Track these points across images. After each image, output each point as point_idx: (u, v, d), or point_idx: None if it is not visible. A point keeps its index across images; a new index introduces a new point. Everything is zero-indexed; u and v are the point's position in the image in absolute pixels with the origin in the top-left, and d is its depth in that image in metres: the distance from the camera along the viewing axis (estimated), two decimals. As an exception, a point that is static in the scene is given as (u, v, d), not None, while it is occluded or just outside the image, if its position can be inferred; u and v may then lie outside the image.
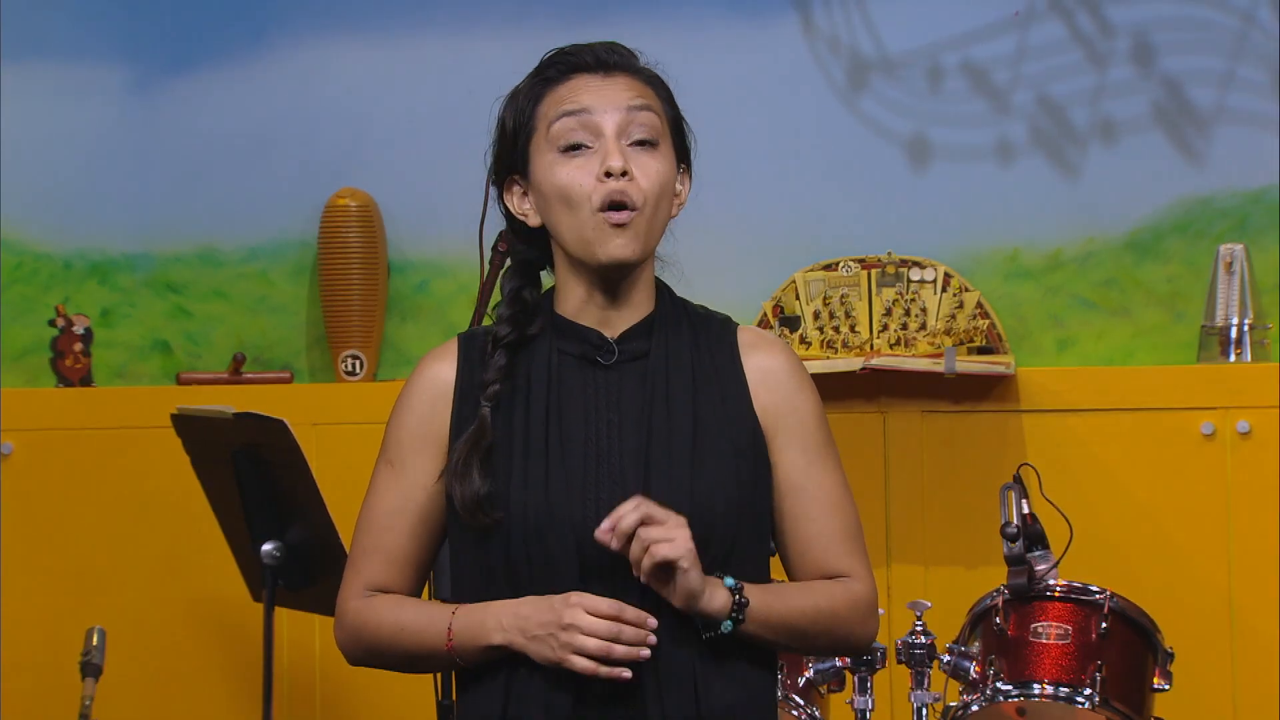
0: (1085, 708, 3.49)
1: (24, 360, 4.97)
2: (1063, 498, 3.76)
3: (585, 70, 2.49)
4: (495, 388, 2.48)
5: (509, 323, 2.52)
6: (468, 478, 2.44)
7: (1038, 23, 4.68)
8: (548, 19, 4.78)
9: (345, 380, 4.78)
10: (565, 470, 2.43)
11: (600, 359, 2.49)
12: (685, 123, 2.55)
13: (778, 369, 2.53)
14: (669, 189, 2.49)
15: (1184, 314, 4.62)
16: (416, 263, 4.90)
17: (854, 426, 4.45)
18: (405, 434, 2.52)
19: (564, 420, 2.46)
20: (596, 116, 2.46)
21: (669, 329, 2.51)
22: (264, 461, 3.74)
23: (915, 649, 3.65)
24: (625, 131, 2.46)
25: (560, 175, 2.46)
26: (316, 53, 4.92)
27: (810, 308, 4.59)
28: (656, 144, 2.48)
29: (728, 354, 2.53)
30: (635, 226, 2.45)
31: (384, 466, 2.54)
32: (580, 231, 2.46)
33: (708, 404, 2.48)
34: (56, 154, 4.98)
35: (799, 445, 2.51)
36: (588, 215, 2.45)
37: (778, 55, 4.76)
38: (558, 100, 2.48)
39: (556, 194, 2.46)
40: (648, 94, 2.50)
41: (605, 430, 2.45)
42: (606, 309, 2.50)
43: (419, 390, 2.53)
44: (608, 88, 2.47)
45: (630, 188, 2.44)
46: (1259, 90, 4.60)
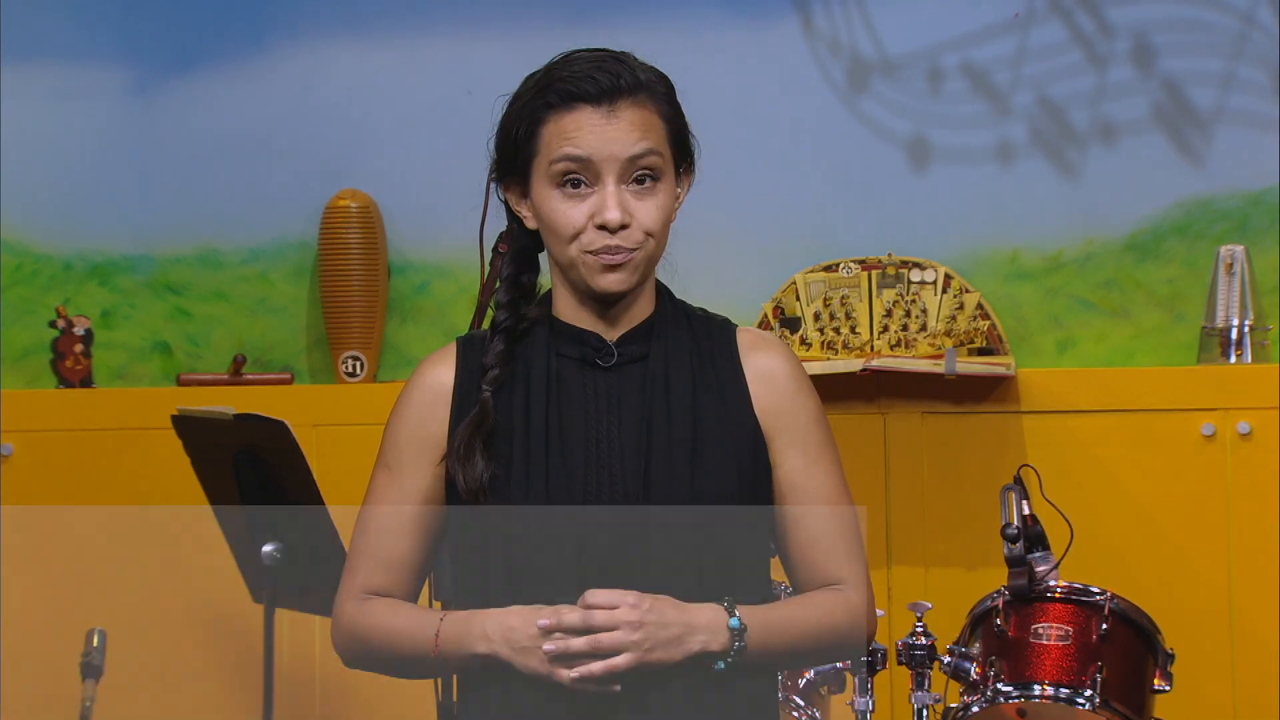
0: (1086, 709, 3.48)
1: (24, 361, 4.97)
2: (1063, 499, 3.75)
3: (588, 102, 2.44)
4: (495, 372, 2.48)
5: (506, 309, 2.52)
6: (470, 460, 2.44)
7: (1038, 24, 4.68)
8: (547, 20, 4.78)
9: (345, 381, 4.78)
10: (566, 471, 2.43)
11: (599, 361, 2.49)
12: (688, 127, 2.53)
13: (778, 371, 2.53)
14: (669, 216, 2.48)
15: (1184, 315, 4.62)
16: (417, 264, 4.90)
17: (854, 427, 4.45)
18: (403, 438, 2.52)
19: (564, 422, 2.46)
20: (597, 164, 2.43)
21: (669, 331, 2.51)
22: (264, 463, 3.73)
23: (916, 650, 3.65)
24: (625, 176, 2.45)
25: (556, 210, 2.44)
26: (317, 54, 4.92)
27: (811, 309, 4.59)
28: (658, 179, 2.47)
29: (727, 356, 2.52)
30: (629, 267, 2.45)
31: (381, 470, 2.54)
32: (571, 264, 2.46)
33: (708, 406, 2.48)
34: (56, 155, 4.98)
35: (799, 447, 2.50)
36: (577, 254, 2.44)
37: (778, 57, 4.76)
38: (559, 133, 2.44)
39: (550, 225, 2.46)
40: (651, 124, 2.46)
41: (605, 432, 2.45)
42: (604, 314, 2.50)
43: (417, 394, 2.53)
44: (611, 128, 2.44)
45: (625, 238, 2.44)
46: (1259, 91, 4.59)
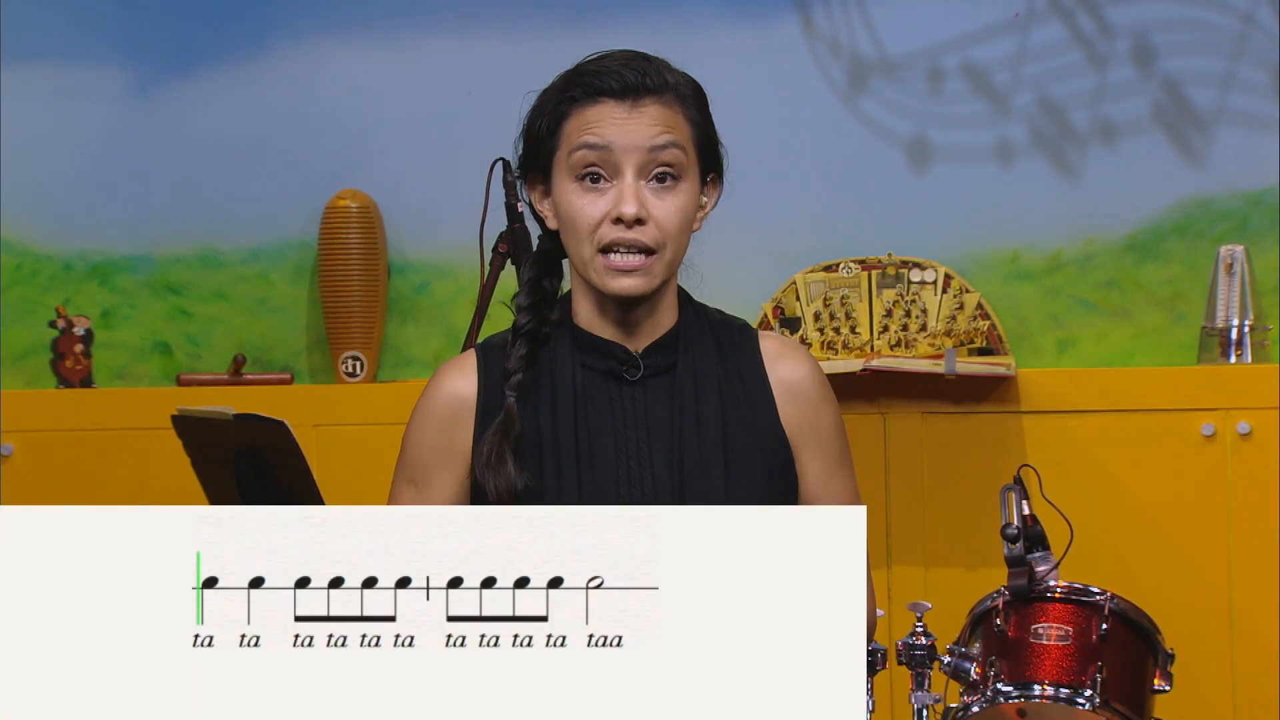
0: (1086, 709, 3.48)
1: (24, 361, 4.97)
2: (1063, 499, 3.75)
3: (611, 96, 2.42)
4: (519, 376, 2.44)
5: (529, 312, 2.48)
6: (502, 469, 2.39)
7: (1038, 24, 4.68)
8: (548, 21, 4.78)
9: (345, 381, 4.78)
10: (597, 487, 2.40)
11: (626, 374, 2.46)
12: (717, 136, 2.50)
13: (803, 381, 2.51)
14: (689, 220, 2.44)
15: (1184, 315, 4.62)
16: (417, 264, 4.90)
17: (854, 427, 4.43)
18: (427, 451, 2.46)
19: (592, 434, 2.42)
20: (617, 155, 2.39)
21: (694, 342, 2.47)
22: (265, 462, 3.73)
23: (916, 650, 3.64)
24: (645, 170, 2.41)
25: (574, 204, 2.41)
26: (317, 54, 4.92)
27: (811, 309, 4.59)
28: (679, 179, 2.43)
29: (752, 365, 2.50)
30: (650, 270, 2.42)
31: (405, 486, 2.48)
32: (585, 264, 2.42)
33: (736, 417, 2.46)
34: (56, 155, 4.98)
35: (821, 456, 2.49)
36: (590, 254, 2.41)
37: (778, 57, 4.76)
38: (581, 125, 2.41)
39: (567, 220, 2.43)
40: (675, 123, 2.43)
41: (635, 446, 2.42)
42: (624, 323, 2.48)
43: (438, 405, 2.48)
44: (632, 122, 2.41)
45: (643, 234, 2.39)
46: (1259, 91, 4.60)
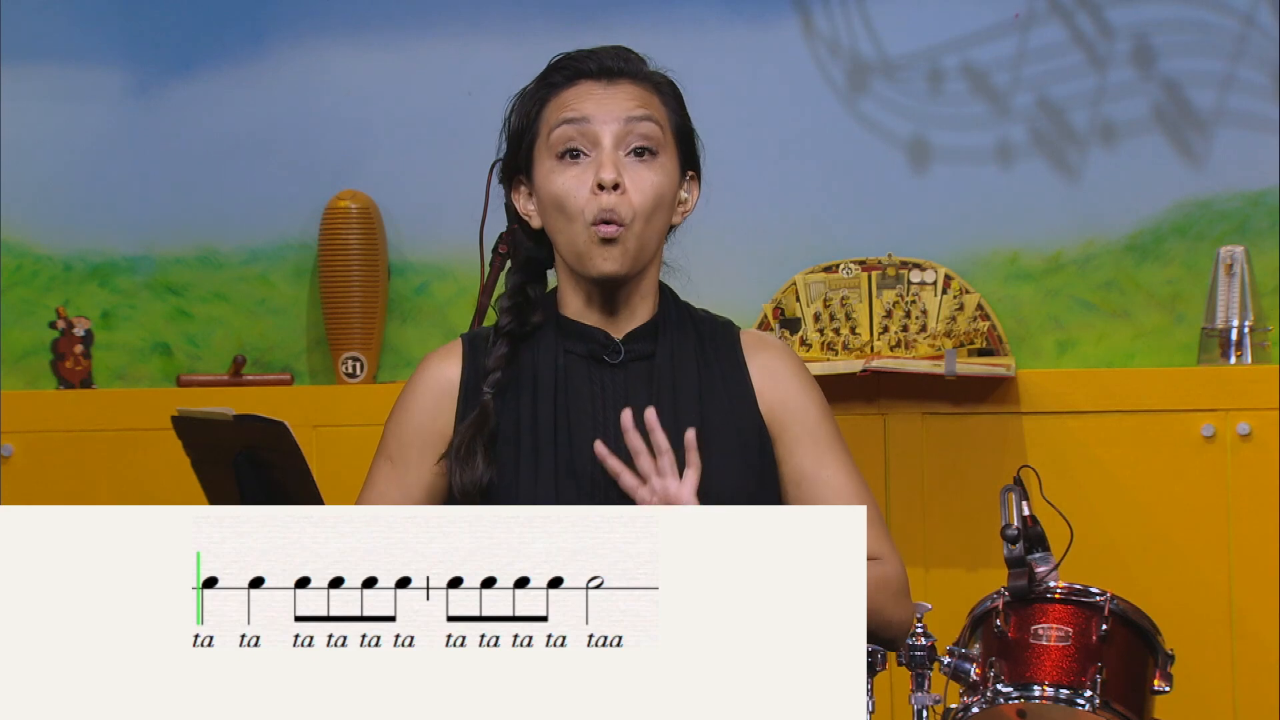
0: (1086, 709, 3.48)
1: (24, 362, 4.97)
2: (1063, 500, 3.75)
3: (589, 77, 2.48)
4: (497, 375, 2.48)
5: (510, 313, 2.53)
6: (470, 463, 2.44)
7: (1038, 25, 4.68)
8: (547, 21, 4.78)
9: (345, 382, 4.78)
10: (574, 468, 2.44)
11: (607, 358, 2.50)
12: (694, 130, 2.54)
13: (780, 368, 2.54)
14: (666, 200, 2.48)
15: (1184, 316, 4.62)
16: (417, 265, 4.90)
17: (854, 428, 4.45)
18: (408, 432, 2.52)
19: (572, 418, 2.47)
20: (595, 126, 2.46)
21: (673, 331, 2.52)
22: (265, 463, 3.73)
23: (916, 651, 3.63)
24: (623, 141, 2.46)
25: (556, 183, 2.46)
26: (316, 55, 4.92)
27: (811, 310, 4.59)
28: (656, 154, 2.47)
29: (731, 355, 2.53)
30: (623, 242, 2.45)
31: (383, 462, 2.54)
32: (574, 244, 2.46)
33: (714, 403, 2.49)
34: (56, 155, 4.98)
35: (808, 439, 2.52)
36: (580, 228, 2.45)
37: (778, 57, 4.76)
38: (560, 106, 2.48)
39: (553, 202, 2.47)
40: (651, 102, 2.49)
41: (614, 429, 2.46)
42: (608, 313, 2.51)
43: (422, 389, 2.53)
44: (610, 97, 2.47)
45: (620, 202, 2.44)
46: (1259, 92, 4.60)
